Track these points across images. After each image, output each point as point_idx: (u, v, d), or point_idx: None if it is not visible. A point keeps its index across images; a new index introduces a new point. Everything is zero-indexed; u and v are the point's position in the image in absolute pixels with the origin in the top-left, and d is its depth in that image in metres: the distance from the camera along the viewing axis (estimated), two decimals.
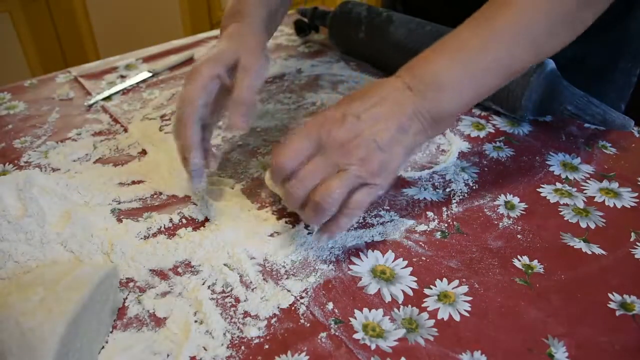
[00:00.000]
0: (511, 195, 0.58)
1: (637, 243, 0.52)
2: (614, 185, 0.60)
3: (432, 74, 0.50)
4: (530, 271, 0.49)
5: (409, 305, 0.46)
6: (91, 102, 0.78)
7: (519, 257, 0.51)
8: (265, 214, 0.56)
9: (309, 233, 0.53)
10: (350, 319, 0.45)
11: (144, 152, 0.67)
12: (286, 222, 0.55)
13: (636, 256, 0.51)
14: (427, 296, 0.47)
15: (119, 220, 0.56)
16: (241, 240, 0.52)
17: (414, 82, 0.49)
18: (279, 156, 0.48)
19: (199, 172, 0.55)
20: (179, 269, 0.50)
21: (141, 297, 0.47)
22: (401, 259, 0.51)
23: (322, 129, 0.48)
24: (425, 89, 0.49)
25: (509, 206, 0.57)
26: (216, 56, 0.57)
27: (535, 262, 0.50)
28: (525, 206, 0.57)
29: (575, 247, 0.52)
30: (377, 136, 0.47)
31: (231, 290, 0.48)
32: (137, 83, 0.83)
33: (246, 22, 0.61)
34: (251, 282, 0.48)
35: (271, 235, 0.53)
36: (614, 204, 0.57)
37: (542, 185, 0.60)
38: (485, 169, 0.63)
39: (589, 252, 0.51)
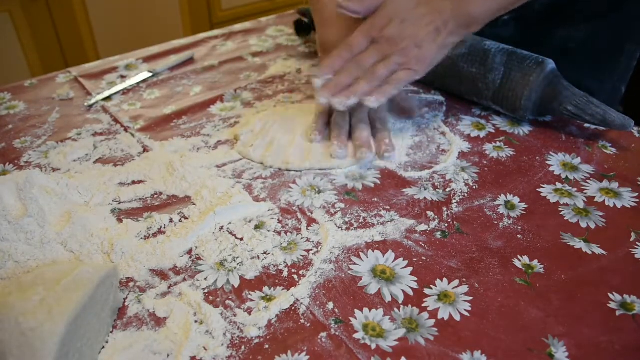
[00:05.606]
0: (511, 195, 0.58)
1: (637, 243, 0.52)
2: (614, 185, 0.60)
3: None
4: (530, 271, 0.49)
5: (409, 305, 0.46)
6: (91, 102, 0.78)
7: (519, 257, 0.51)
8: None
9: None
10: (351, 318, 0.45)
11: (144, 152, 0.67)
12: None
13: (636, 256, 0.51)
14: (427, 296, 0.47)
15: (119, 220, 0.56)
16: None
17: None
18: (342, 46, 0.63)
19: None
20: (179, 269, 0.50)
21: (141, 296, 0.47)
22: (401, 258, 0.51)
23: (374, 28, 0.62)
24: None
25: (509, 206, 0.57)
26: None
27: (535, 262, 0.50)
28: (526, 206, 0.57)
29: (575, 247, 0.52)
30: (416, 36, 0.61)
31: (231, 289, 0.48)
32: (137, 83, 0.83)
33: None
34: (251, 282, 0.48)
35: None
36: (614, 204, 0.57)
37: (542, 185, 0.60)
38: (485, 169, 0.63)
39: (589, 252, 0.51)
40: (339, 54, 0.63)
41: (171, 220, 0.55)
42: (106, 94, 0.80)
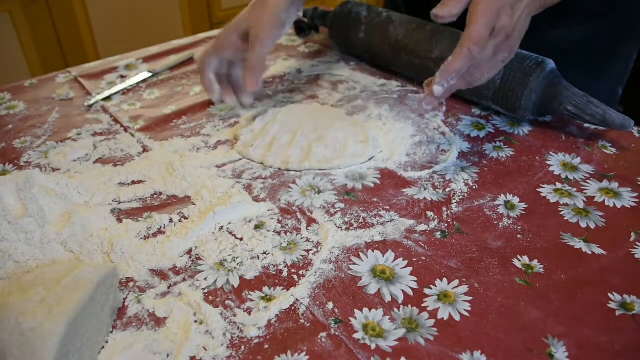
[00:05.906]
0: (511, 195, 0.58)
1: (637, 243, 0.52)
2: (614, 185, 0.60)
3: None
4: (530, 271, 0.49)
5: (409, 305, 0.46)
6: (91, 102, 0.78)
7: (519, 257, 0.51)
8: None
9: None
10: (350, 318, 0.45)
11: (144, 152, 0.67)
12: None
13: (636, 256, 0.51)
14: (427, 296, 0.47)
15: (119, 220, 0.56)
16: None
17: None
18: (467, 42, 0.55)
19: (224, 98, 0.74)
20: (179, 269, 0.50)
21: (141, 296, 0.47)
22: (401, 258, 0.51)
23: (493, 15, 0.55)
24: None
25: (509, 206, 0.57)
26: (233, 24, 0.72)
27: (535, 262, 0.50)
28: (525, 206, 0.57)
29: (575, 247, 0.52)
30: (521, 25, 0.58)
31: (231, 289, 0.48)
32: (137, 83, 0.83)
33: None
34: (251, 282, 0.48)
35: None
36: (614, 204, 0.57)
37: (542, 185, 0.60)
38: (485, 169, 0.63)
39: (589, 252, 0.51)
40: (468, 54, 0.55)
41: (171, 220, 0.55)
42: (106, 94, 0.80)
